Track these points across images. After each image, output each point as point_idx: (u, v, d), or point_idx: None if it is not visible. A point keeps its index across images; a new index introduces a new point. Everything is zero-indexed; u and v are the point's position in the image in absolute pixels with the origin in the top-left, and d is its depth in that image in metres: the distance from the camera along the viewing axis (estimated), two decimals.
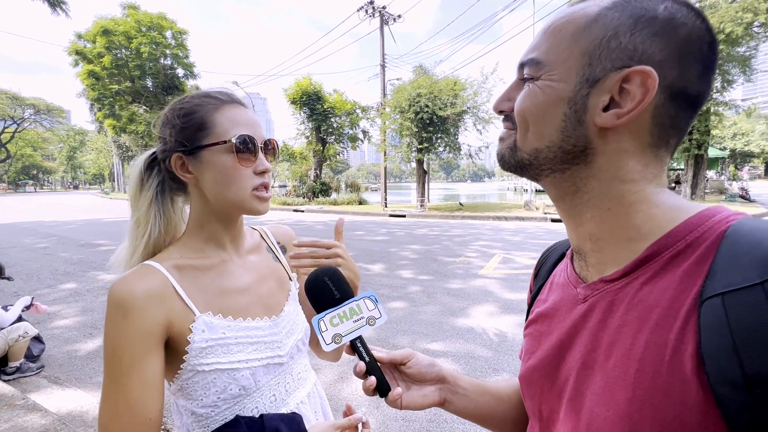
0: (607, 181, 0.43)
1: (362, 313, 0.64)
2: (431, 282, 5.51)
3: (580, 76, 0.42)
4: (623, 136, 0.41)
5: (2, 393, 2.67)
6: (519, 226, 11.83)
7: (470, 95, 15.54)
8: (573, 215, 0.46)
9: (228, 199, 0.70)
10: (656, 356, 0.35)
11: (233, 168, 0.69)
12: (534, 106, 0.44)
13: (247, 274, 0.78)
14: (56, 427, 2.27)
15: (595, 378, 0.41)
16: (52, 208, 22.19)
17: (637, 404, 0.36)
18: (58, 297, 5.04)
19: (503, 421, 0.64)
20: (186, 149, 0.69)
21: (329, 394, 2.75)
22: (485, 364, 3.13)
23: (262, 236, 0.90)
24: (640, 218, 0.42)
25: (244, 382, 0.70)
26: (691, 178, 15.89)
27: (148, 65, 28.81)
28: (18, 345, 3.10)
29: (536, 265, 0.66)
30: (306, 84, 22.00)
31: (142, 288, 0.62)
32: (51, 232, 11.26)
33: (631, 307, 0.40)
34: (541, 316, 0.53)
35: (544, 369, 0.49)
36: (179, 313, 0.66)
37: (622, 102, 0.40)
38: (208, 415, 0.69)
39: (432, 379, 0.63)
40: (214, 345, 0.67)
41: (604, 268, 0.45)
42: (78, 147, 68.76)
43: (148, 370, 0.60)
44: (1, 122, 51.08)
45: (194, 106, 0.70)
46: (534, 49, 0.46)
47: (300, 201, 21.45)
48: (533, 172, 0.47)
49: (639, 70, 0.39)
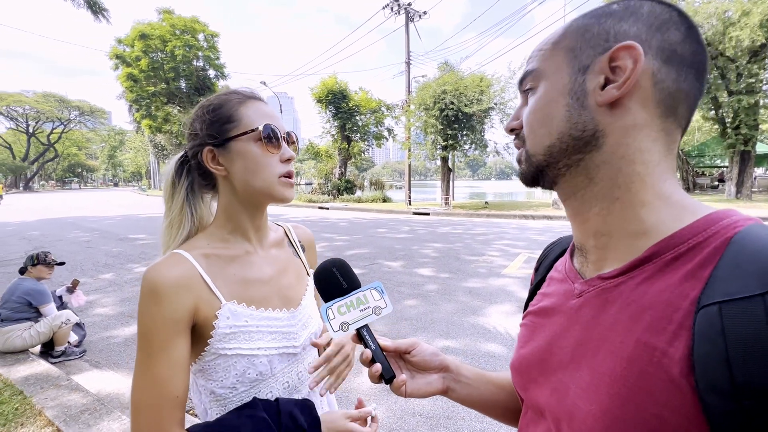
0: (618, 164, 0.43)
1: (369, 303, 0.67)
2: (451, 280, 5.48)
3: (572, 68, 0.45)
4: (630, 108, 0.42)
5: (49, 374, 2.90)
6: (546, 225, 11.52)
7: (497, 91, 15.24)
8: (581, 212, 0.47)
9: (256, 186, 0.73)
10: (644, 357, 0.36)
11: (261, 155, 0.73)
12: (539, 109, 0.47)
13: (268, 266, 0.81)
14: (95, 407, 2.44)
15: (582, 372, 0.42)
16: (95, 204, 23.54)
17: (619, 401, 0.36)
18: (99, 287, 5.38)
19: (505, 410, 0.66)
20: (216, 141, 0.73)
21: (339, 387, 2.80)
22: (505, 364, 3.10)
23: (285, 233, 0.94)
24: (645, 212, 0.42)
25: (262, 368, 0.74)
26: (736, 175, 14.91)
27: (182, 67, 29.98)
28: (62, 331, 3.34)
29: (538, 260, 0.67)
30: (331, 83, 22.25)
31: (171, 276, 0.66)
32: (93, 227, 11.98)
33: (625, 305, 0.40)
34: (538, 309, 0.54)
35: (533, 359, 0.51)
36: (206, 300, 0.70)
37: (617, 78, 0.42)
38: (226, 396, 0.73)
39: (435, 367, 0.65)
40: (237, 331, 0.71)
41: (603, 265, 0.45)
42: (118, 146, 72.50)
43: (175, 352, 0.64)
44: (50, 124, 54.65)
45: (221, 101, 0.75)
46: (526, 66, 0.51)
47: (325, 198, 21.76)
48: (552, 172, 0.47)
49: (621, 46, 0.41)
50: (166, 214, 0.78)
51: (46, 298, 3.33)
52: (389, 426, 2.38)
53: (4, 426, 2.28)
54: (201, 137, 0.74)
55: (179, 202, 0.77)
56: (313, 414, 0.71)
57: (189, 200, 0.78)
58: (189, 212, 0.78)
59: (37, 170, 57.55)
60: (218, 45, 31.69)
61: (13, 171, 50.97)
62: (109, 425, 2.26)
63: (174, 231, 0.77)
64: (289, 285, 0.84)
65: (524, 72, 0.50)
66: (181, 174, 0.79)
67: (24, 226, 12.62)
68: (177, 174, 0.79)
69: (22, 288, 3.31)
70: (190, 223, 0.78)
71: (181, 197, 0.78)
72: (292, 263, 0.89)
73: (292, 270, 0.87)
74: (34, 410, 2.43)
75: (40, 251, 3.52)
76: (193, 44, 29.97)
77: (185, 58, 29.71)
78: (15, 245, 8.66)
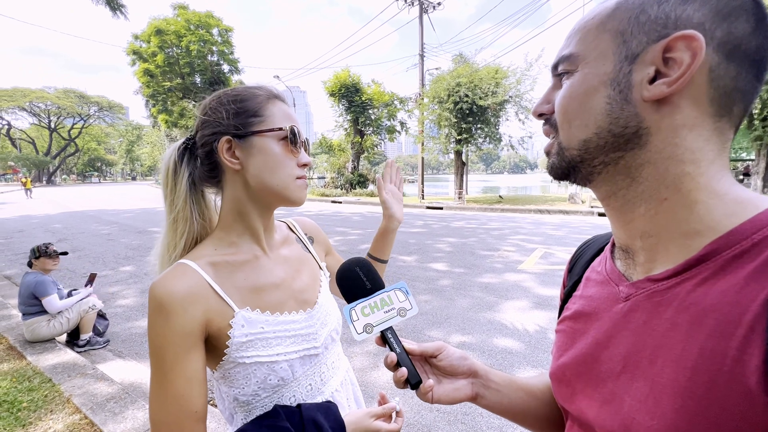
0: (664, 164, 0.39)
1: (393, 304, 0.64)
2: (465, 275, 5.44)
3: (618, 56, 0.40)
4: (679, 106, 0.38)
5: (76, 363, 2.99)
6: (563, 220, 11.33)
7: (513, 83, 14.95)
8: (624, 212, 0.43)
9: (271, 185, 0.71)
10: (712, 365, 0.33)
11: (282, 155, 0.71)
12: (575, 97, 0.42)
13: (279, 269, 0.78)
14: (120, 395, 2.51)
15: (637, 383, 0.39)
16: (114, 198, 24.13)
17: (687, 415, 0.33)
18: (120, 279, 5.52)
19: (537, 419, 0.62)
20: (239, 132, 0.69)
21: (361, 381, 2.82)
22: (523, 360, 3.06)
23: (289, 227, 0.92)
24: (699, 210, 0.38)
25: (283, 373, 0.72)
26: (763, 169, 14.32)
27: (197, 62, 30.28)
28: (88, 317, 3.45)
29: (571, 260, 0.63)
30: (344, 76, 22.18)
31: (179, 289, 0.63)
32: (113, 220, 12.28)
33: (681, 309, 0.37)
34: (576, 313, 0.51)
35: (577, 368, 0.47)
36: (217, 310, 0.67)
37: (670, 72, 0.37)
38: (249, 402, 0.72)
39: (464, 372, 0.62)
40: (253, 339, 0.69)
41: (653, 266, 0.42)
42: (135, 141, 73.94)
43: (190, 367, 0.62)
44: (71, 119, 56.05)
45: (248, 94, 0.72)
46: (563, 49, 0.45)
47: (338, 192, 21.82)
48: (586, 169, 0.44)
49: (680, 36, 0.36)
50: (168, 209, 0.72)
51: (47, 289, 3.33)
52: (406, 420, 2.38)
53: (35, 412, 2.36)
54: (221, 125, 0.70)
55: (182, 193, 0.72)
56: (337, 418, 0.69)
57: (191, 192, 0.73)
58: (193, 205, 0.73)
59: (59, 164, 59.19)
60: (232, 39, 31.88)
61: (36, 165, 52.53)
62: (133, 414, 2.32)
63: (181, 228, 0.72)
64: (304, 286, 0.81)
65: (560, 56, 0.44)
66: (182, 163, 0.73)
67: (47, 219, 13.02)
68: (179, 160, 0.73)
69: (25, 282, 3.36)
70: (197, 220, 0.74)
71: (183, 187, 0.72)
72: (304, 260, 0.86)
73: (305, 268, 0.85)
74: (62, 398, 2.51)
75: (41, 243, 3.54)
76: (207, 39, 30.21)
77: (200, 53, 30.00)
78: (40, 237, 8.94)
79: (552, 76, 0.47)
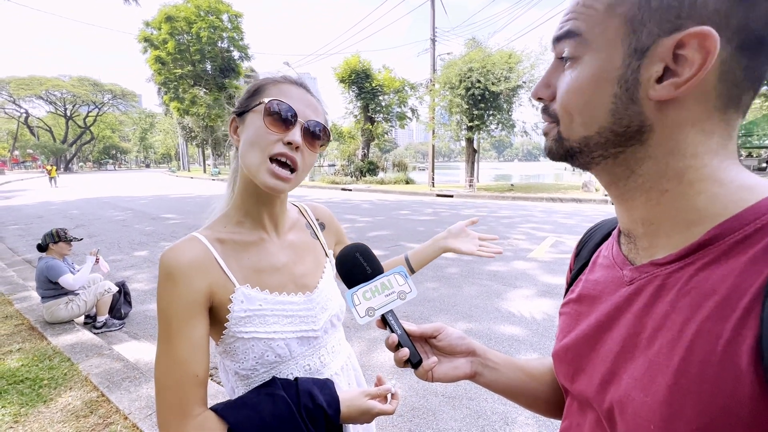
0: (665, 159, 0.38)
1: (393, 288, 0.66)
2: (473, 263, 5.42)
3: (626, 48, 0.37)
4: (685, 104, 0.36)
5: (93, 343, 3.10)
6: (575, 208, 11.16)
7: (527, 68, 14.59)
8: (625, 199, 0.43)
9: (246, 163, 0.70)
10: (707, 346, 0.33)
11: (260, 128, 0.69)
12: (578, 95, 0.40)
13: (283, 254, 0.80)
14: (135, 375, 2.60)
15: (636, 362, 0.39)
16: (128, 185, 24.60)
17: (679, 392, 0.34)
18: (134, 263, 5.67)
19: (535, 398, 0.64)
20: (237, 110, 0.75)
21: (361, 364, 2.86)
22: (530, 348, 3.07)
23: (301, 212, 0.92)
24: (701, 200, 0.37)
25: (279, 351, 0.74)
26: None
27: (207, 49, 30.32)
28: (104, 300, 3.56)
29: (578, 244, 0.63)
30: (354, 62, 21.96)
31: (186, 258, 0.67)
32: (127, 207, 12.54)
33: (683, 292, 0.37)
34: (580, 296, 0.51)
35: (578, 348, 0.48)
36: (220, 284, 0.70)
37: (679, 70, 0.35)
38: (249, 376, 0.74)
39: (462, 351, 0.64)
40: (252, 315, 0.71)
41: (656, 251, 0.41)
42: (148, 129, 74.91)
43: (194, 333, 0.65)
44: (86, 107, 56.93)
45: (265, 79, 0.76)
46: (567, 20, 0.41)
47: (348, 180, 21.84)
48: (583, 160, 0.43)
49: (694, 33, 0.33)
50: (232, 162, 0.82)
51: (58, 271, 3.41)
52: (411, 404, 2.42)
53: (55, 389, 2.47)
54: (236, 107, 0.76)
55: (234, 161, 0.79)
56: (332, 392, 0.71)
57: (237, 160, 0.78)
58: (236, 171, 0.79)
59: (76, 152, 60.40)
60: (242, 25, 31.76)
61: (54, 153, 53.72)
62: (148, 392, 2.41)
63: (228, 187, 0.80)
64: (305, 272, 0.82)
65: (564, 30, 0.41)
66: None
67: (66, 205, 13.37)
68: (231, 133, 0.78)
69: (39, 268, 3.46)
70: (233, 183, 0.80)
71: (232, 158, 0.81)
72: (310, 247, 0.87)
73: (309, 254, 0.86)
74: (80, 376, 2.61)
75: (59, 228, 3.62)
76: (217, 25, 30.18)
77: (210, 40, 30.00)
78: (59, 223, 9.21)
79: (554, 53, 0.44)
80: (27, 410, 2.27)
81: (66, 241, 3.61)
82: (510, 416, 2.29)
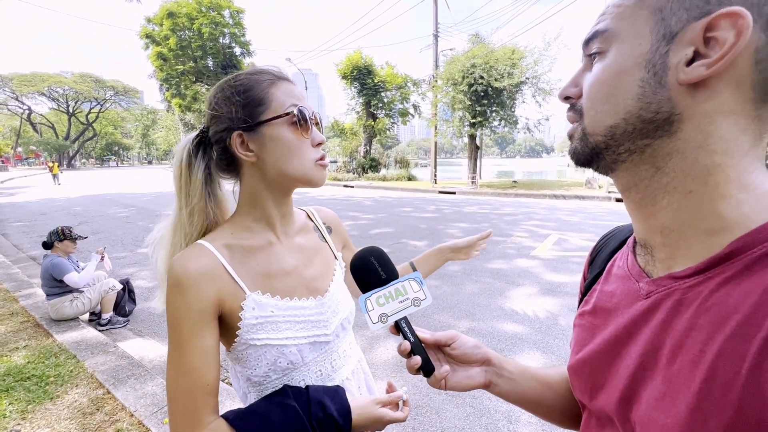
0: (694, 153, 0.37)
1: (407, 294, 0.65)
2: (476, 261, 5.41)
3: (655, 34, 0.37)
4: (717, 90, 0.35)
5: (98, 341, 3.12)
6: (578, 205, 11.12)
7: (530, 64, 14.48)
8: (645, 204, 0.41)
9: (290, 172, 0.71)
10: (730, 367, 0.32)
11: (295, 140, 0.71)
12: (605, 81, 0.40)
13: (292, 257, 0.79)
14: (140, 372, 2.62)
15: (655, 381, 0.38)
16: (131, 181, 24.66)
17: (701, 416, 0.33)
18: (138, 260, 5.69)
19: (551, 409, 0.62)
20: (247, 125, 0.69)
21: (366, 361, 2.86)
22: (533, 346, 3.07)
23: (309, 216, 0.92)
24: (725, 206, 0.36)
25: (292, 357, 0.73)
26: None
27: (209, 45, 30.20)
28: (108, 297, 3.58)
29: (592, 252, 0.62)
30: (356, 58, 21.85)
31: (195, 267, 0.66)
32: (130, 203, 12.58)
33: (703, 309, 0.35)
34: (595, 308, 0.50)
35: (595, 363, 0.47)
36: (229, 291, 0.69)
37: (710, 52, 0.34)
38: (261, 383, 0.74)
39: (477, 360, 0.62)
40: (263, 322, 0.71)
41: (674, 263, 0.40)
42: (150, 125, 74.95)
43: (204, 342, 0.65)
44: (88, 104, 56.99)
45: (251, 82, 0.70)
46: (598, 23, 0.42)
47: (350, 176, 21.82)
48: (610, 156, 0.41)
49: (725, 13, 0.33)
50: (184, 202, 0.73)
51: (63, 269, 3.42)
52: (415, 402, 2.43)
53: (61, 386, 2.49)
54: (230, 121, 0.70)
55: (198, 185, 0.72)
56: (343, 401, 0.70)
57: (208, 185, 0.74)
58: (209, 197, 0.74)
59: (78, 149, 60.57)
60: (243, 21, 31.61)
61: (57, 149, 53.87)
62: (153, 389, 2.42)
63: (197, 217, 0.73)
64: (315, 275, 0.81)
65: (593, 31, 0.42)
66: (197, 156, 0.73)
67: (69, 201, 13.42)
68: (194, 153, 0.73)
69: (43, 266, 3.47)
70: (213, 210, 0.74)
71: (199, 180, 0.72)
72: (319, 250, 0.86)
73: (319, 257, 0.85)
74: (86, 373, 2.63)
75: (65, 226, 3.63)
76: (218, 21, 30.04)
77: (212, 36, 29.88)
78: (62, 220, 9.24)
79: (583, 55, 0.44)
80: (34, 407, 2.29)
81: (71, 239, 3.62)
82: (513, 414, 2.30)
